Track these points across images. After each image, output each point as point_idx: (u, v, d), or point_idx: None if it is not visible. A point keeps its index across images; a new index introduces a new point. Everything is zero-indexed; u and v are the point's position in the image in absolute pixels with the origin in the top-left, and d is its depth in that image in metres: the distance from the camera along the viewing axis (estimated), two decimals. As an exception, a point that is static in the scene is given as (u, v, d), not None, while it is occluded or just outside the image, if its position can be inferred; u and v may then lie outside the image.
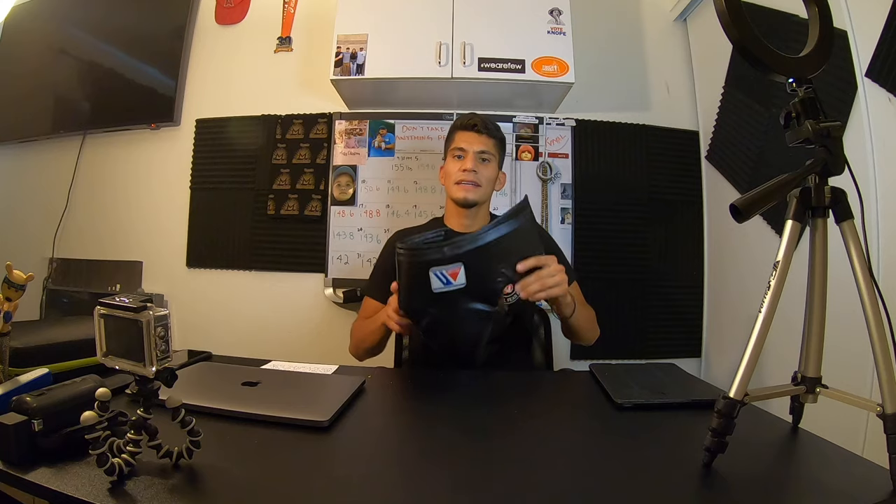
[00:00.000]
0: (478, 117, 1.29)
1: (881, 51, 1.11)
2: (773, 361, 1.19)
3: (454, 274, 0.87)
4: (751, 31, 0.66)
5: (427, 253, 0.88)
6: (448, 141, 1.34)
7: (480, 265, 0.88)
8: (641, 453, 0.65)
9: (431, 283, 0.87)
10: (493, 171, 1.29)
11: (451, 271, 0.87)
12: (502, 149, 1.33)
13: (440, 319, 0.92)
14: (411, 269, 0.90)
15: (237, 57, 2.08)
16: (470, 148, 1.26)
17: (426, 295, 0.88)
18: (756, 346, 0.60)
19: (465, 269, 0.87)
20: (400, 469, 0.62)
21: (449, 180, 1.30)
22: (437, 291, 0.87)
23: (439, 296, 0.87)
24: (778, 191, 0.61)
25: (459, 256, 0.87)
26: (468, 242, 0.88)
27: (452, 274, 0.87)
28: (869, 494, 0.54)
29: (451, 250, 0.87)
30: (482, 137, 1.27)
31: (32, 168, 2.24)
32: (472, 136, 1.27)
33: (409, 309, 0.95)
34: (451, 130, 1.34)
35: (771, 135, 1.52)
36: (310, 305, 1.94)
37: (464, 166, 1.25)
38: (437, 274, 0.87)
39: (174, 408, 0.55)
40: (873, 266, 0.61)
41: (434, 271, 0.87)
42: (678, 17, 2.02)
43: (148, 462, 0.55)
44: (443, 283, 0.88)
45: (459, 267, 0.87)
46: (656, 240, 1.95)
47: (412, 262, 0.89)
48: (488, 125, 1.29)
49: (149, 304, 0.52)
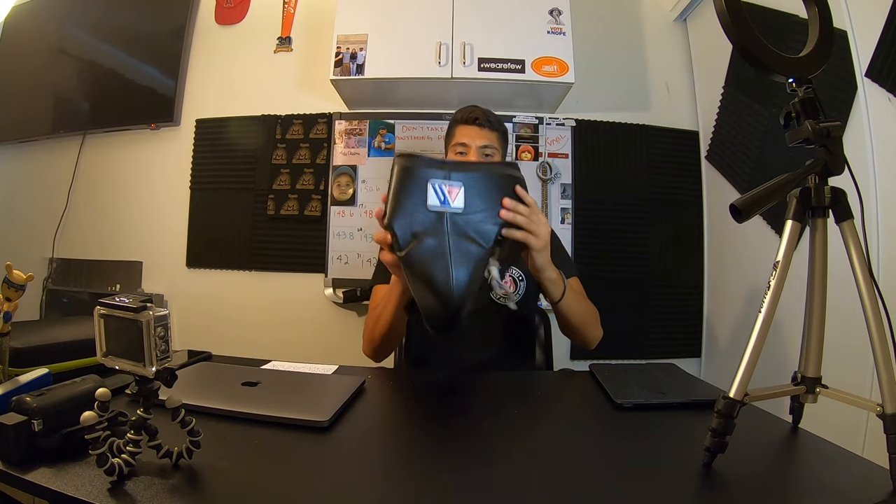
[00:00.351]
0: (479, 110, 1.24)
1: (881, 51, 1.11)
2: (773, 361, 1.19)
3: (453, 193, 0.80)
4: (751, 31, 0.66)
5: (429, 163, 0.81)
6: (448, 136, 1.29)
7: (481, 193, 0.82)
8: (641, 453, 0.65)
9: (428, 197, 0.80)
10: None
11: (451, 188, 0.80)
12: (505, 141, 1.29)
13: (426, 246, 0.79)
14: (408, 176, 0.81)
15: (237, 57, 2.08)
16: (472, 143, 1.21)
17: (419, 210, 0.79)
18: (756, 346, 0.60)
19: (465, 193, 0.81)
20: (400, 469, 0.62)
21: None
22: (431, 208, 0.79)
23: (433, 215, 0.79)
24: (778, 191, 0.61)
25: (462, 177, 0.81)
26: (474, 167, 0.83)
27: (451, 192, 0.80)
28: (869, 494, 0.54)
29: (455, 167, 0.82)
30: (484, 131, 1.22)
31: (32, 168, 2.24)
32: (475, 130, 1.22)
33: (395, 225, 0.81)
34: (452, 125, 1.28)
35: (771, 135, 1.52)
36: (310, 305, 1.94)
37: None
38: (435, 187, 0.80)
39: (174, 408, 0.55)
40: (873, 266, 0.61)
41: (433, 183, 0.80)
42: (678, 17, 2.02)
43: (148, 462, 0.55)
44: (439, 200, 0.80)
45: (460, 187, 0.81)
46: (656, 240, 1.95)
47: (411, 168, 0.81)
48: (490, 118, 1.24)
49: (149, 304, 0.52)
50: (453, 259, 0.79)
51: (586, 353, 1.86)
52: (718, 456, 0.58)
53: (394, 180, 0.81)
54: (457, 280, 0.78)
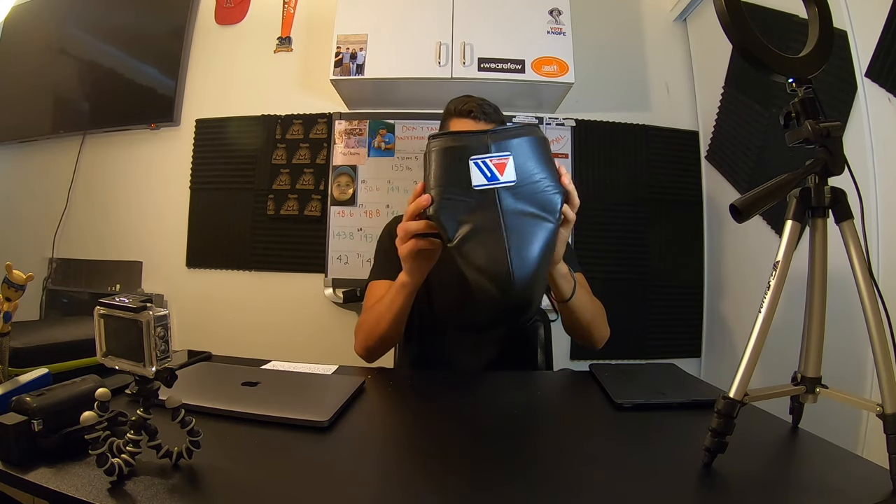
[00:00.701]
0: (473, 101, 1.15)
1: (881, 51, 1.11)
2: (773, 361, 1.19)
3: (501, 166, 0.70)
4: (751, 31, 0.66)
5: (467, 138, 0.72)
6: (442, 129, 1.19)
7: (534, 159, 0.72)
8: (641, 453, 0.65)
9: (472, 176, 0.70)
10: None
11: (498, 162, 0.70)
12: None
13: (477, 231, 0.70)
14: (445, 158, 0.72)
15: (237, 57, 2.08)
16: None
17: (463, 193, 0.70)
18: (756, 346, 0.60)
19: (515, 162, 0.71)
20: (400, 469, 0.62)
21: None
22: (478, 188, 0.70)
23: (480, 195, 0.70)
24: (778, 191, 0.61)
25: (509, 145, 0.71)
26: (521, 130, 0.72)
27: (499, 166, 0.70)
28: (869, 494, 0.54)
29: (499, 135, 0.71)
30: (480, 124, 1.12)
31: (32, 168, 2.24)
32: (470, 123, 1.12)
33: (441, 215, 0.72)
34: (445, 117, 1.19)
35: (771, 135, 1.52)
36: (310, 305, 1.94)
37: None
38: (478, 164, 0.70)
39: (174, 408, 0.55)
40: (873, 266, 0.61)
41: (475, 160, 0.70)
42: (678, 17, 2.02)
43: (148, 462, 0.55)
44: (486, 176, 0.70)
45: (508, 158, 0.71)
46: (656, 240, 1.95)
47: (447, 150, 0.72)
48: (486, 109, 1.14)
49: (149, 304, 0.52)
50: (512, 238, 0.69)
51: (586, 353, 1.88)
52: (718, 456, 0.58)
53: (431, 164, 0.74)
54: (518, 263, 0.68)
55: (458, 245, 0.71)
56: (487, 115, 1.14)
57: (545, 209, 0.72)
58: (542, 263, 0.70)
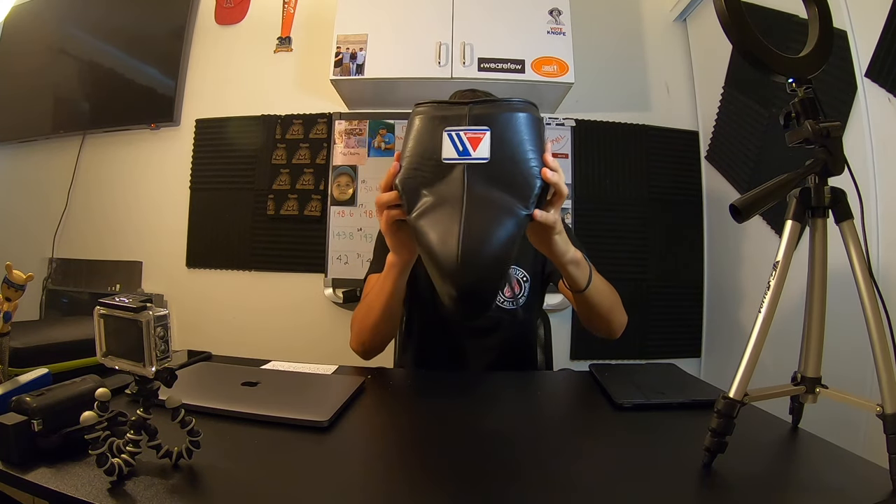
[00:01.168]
0: (478, 94, 1.08)
1: (881, 51, 1.11)
2: (773, 361, 1.19)
3: (475, 140, 0.65)
4: (751, 31, 0.66)
5: (449, 108, 0.67)
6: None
7: (513, 138, 0.65)
8: (641, 453, 0.65)
9: (443, 148, 0.65)
10: None
11: (472, 136, 0.65)
12: None
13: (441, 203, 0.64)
14: (420, 126, 0.68)
15: (237, 57, 2.08)
16: None
17: (431, 165, 0.65)
18: (756, 346, 0.60)
19: (492, 138, 0.65)
20: (400, 469, 0.62)
21: None
22: (447, 160, 0.64)
23: (448, 169, 0.64)
24: (777, 191, 0.61)
25: (490, 119, 0.65)
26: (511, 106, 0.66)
27: (473, 140, 0.65)
28: (869, 494, 0.54)
29: (480, 108, 0.66)
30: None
31: (32, 168, 2.24)
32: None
33: (402, 183, 0.68)
34: None
35: (771, 135, 1.52)
36: (310, 305, 1.94)
37: None
38: (451, 135, 0.65)
39: (174, 408, 0.55)
40: (873, 266, 0.61)
41: (449, 132, 0.65)
42: (678, 17, 2.02)
43: (148, 462, 0.55)
44: (457, 150, 0.65)
45: (485, 133, 0.65)
46: (656, 240, 1.95)
47: (426, 118, 0.67)
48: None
49: (148, 304, 0.52)
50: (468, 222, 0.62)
51: (586, 353, 1.88)
52: (718, 456, 0.58)
53: (410, 133, 0.69)
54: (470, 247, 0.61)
55: (415, 219, 0.66)
56: None
57: (518, 194, 0.65)
58: (500, 253, 0.63)
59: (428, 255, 0.64)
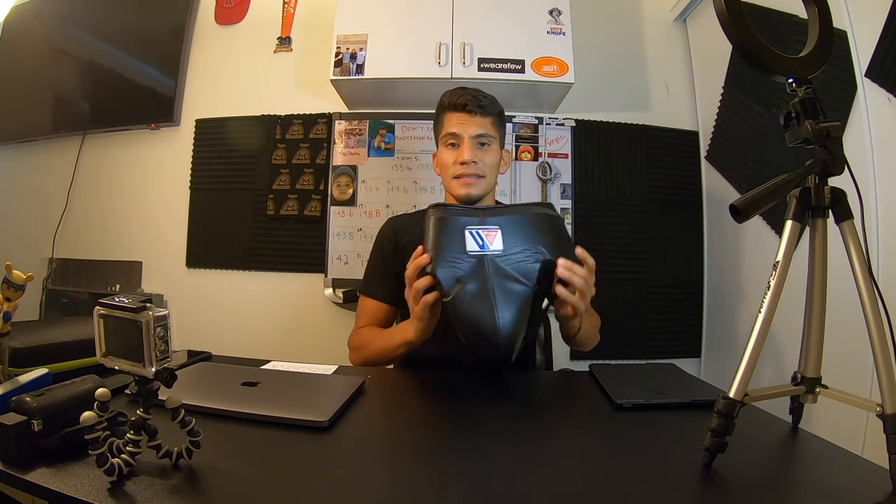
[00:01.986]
0: (468, 94, 1.09)
1: (881, 51, 1.11)
2: (773, 361, 1.19)
3: (490, 236, 0.85)
4: (751, 31, 0.66)
5: (463, 211, 0.87)
6: (437, 125, 1.15)
7: (519, 233, 0.86)
8: (641, 453, 0.65)
9: (466, 243, 0.84)
10: (495, 156, 1.11)
11: (488, 233, 0.85)
12: (502, 124, 1.15)
13: (470, 290, 0.82)
14: (444, 225, 0.86)
15: (237, 57, 2.08)
16: (465, 133, 1.07)
17: (459, 256, 0.84)
18: (756, 346, 0.60)
19: (503, 235, 0.85)
20: (400, 469, 0.62)
21: (446, 173, 1.12)
22: (471, 253, 0.84)
23: (473, 258, 0.83)
24: (777, 191, 0.61)
25: (497, 220, 0.86)
26: (508, 209, 0.88)
27: (488, 236, 0.85)
28: (869, 494, 0.54)
29: (490, 212, 0.87)
30: (476, 118, 1.07)
31: (32, 168, 2.24)
32: (465, 117, 1.08)
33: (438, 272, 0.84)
34: (439, 111, 1.14)
35: (771, 135, 1.52)
36: (310, 305, 1.94)
37: (461, 157, 1.07)
38: (472, 233, 0.84)
39: (174, 408, 0.55)
40: (873, 266, 0.61)
41: (470, 230, 0.85)
42: (678, 17, 2.02)
43: (148, 462, 0.55)
44: (478, 244, 0.84)
45: (497, 231, 0.85)
46: (656, 240, 1.95)
47: (446, 219, 0.86)
48: (481, 101, 1.09)
49: (148, 305, 0.52)
50: (497, 300, 0.81)
51: (586, 353, 1.87)
52: (718, 456, 0.58)
53: (431, 230, 0.86)
54: (503, 320, 0.81)
55: (453, 301, 0.82)
56: (483, 108, 1.09)
57: (524, 276, 0.84)
58: (520, 320, 0.83)
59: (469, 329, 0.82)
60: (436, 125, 1.18)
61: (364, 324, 1.19)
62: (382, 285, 1.19)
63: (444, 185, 1.17)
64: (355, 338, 1.16)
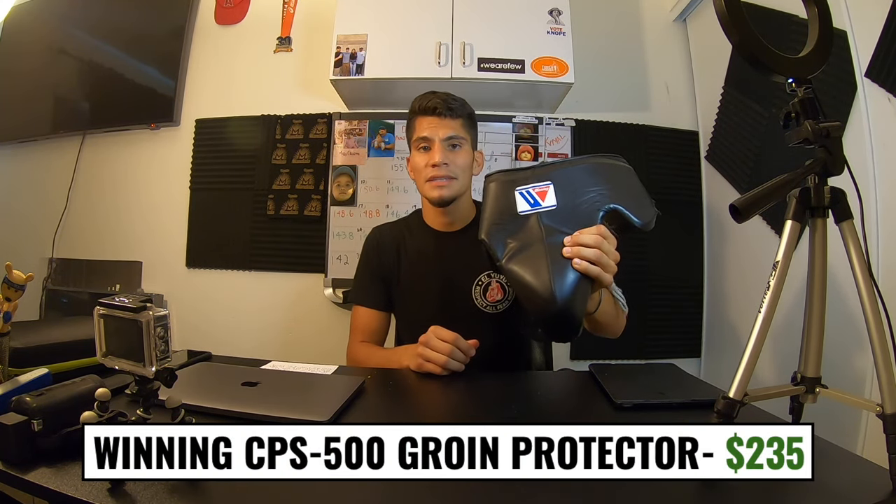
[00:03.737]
0: (437, 97, 1.12)
1: (881, 51, 1.11)
2: (773, 361, 1.19)
3: (542, 193, 0.81)
4: (751, 31, 0.66)
5: (513, 173, 0.85)
6: (409, 129, 1.18)
7: (573, 184, 0.83)
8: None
9: (517, 204, 0.81)
10: (467, 157, 1.13)
11: (539, 190, 0.81)
12: (473, 126, 1.17)
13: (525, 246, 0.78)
14: (496, 191, 0.84)
15: (237, 57, 2.08)
16: (435, 136, 1.09)
17: (510, 218, 0.81)
18: (756, 346, 0.60)
19: (556, 190, 0.81)
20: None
21: (419, 177, 1.13)
22: (522, 213, 0.81)
23: (525, 219, 0.80)
24: (777, 191, 0.61)
25: (549, 176, 0.83)
26: (562, 163, 0.86)
27: (540, 193, 0.81)
28: (869, 494, 0.54)
29: (540, 168, 0.85)
30: (446, 121, 1.10)
31: (32, 168, 2.24)
32: (435, 121, 1.10)
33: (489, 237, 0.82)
34: (410, 116, 1.17)
35: (771, 135, 1.52)
36: (310, 305, 1.94)
37: (432, 160, 1.08)
38: (523, 193, 0.81)
39: (174, 408, 0.55)
40: (873, 266, 0.61)
41: (520, 190, 0.82)
42: (678, 17, 2.02)
43: (148, 462, 0.55)
44: (529, 203, 0.81)
45: (548, 186, 0.82)
46: (656, 240, 1.95)
47: (497, 183, 0.84)
48: (451, 104, 1.11)
49: (148, 304, 0.52)
50: (552, 259, 0.76)
51: (586, 353, 1.88)
52: (718, 456, 0.58)
53: (485, 201, 0.85)
54: (557, 278, 0.75)
55: (506, 262, 0.78)
56: (452, 111, 1.11)
57: (583, 226, 0.79)
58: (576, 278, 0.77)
59: (523, 290, 0.77)
60: (408, 130, 1.20)
61: (360, 335, 1.20)
62: (373, 293, 1.21)
63: (418, 188, 1.17)
64: (351, 356, 1.18)
